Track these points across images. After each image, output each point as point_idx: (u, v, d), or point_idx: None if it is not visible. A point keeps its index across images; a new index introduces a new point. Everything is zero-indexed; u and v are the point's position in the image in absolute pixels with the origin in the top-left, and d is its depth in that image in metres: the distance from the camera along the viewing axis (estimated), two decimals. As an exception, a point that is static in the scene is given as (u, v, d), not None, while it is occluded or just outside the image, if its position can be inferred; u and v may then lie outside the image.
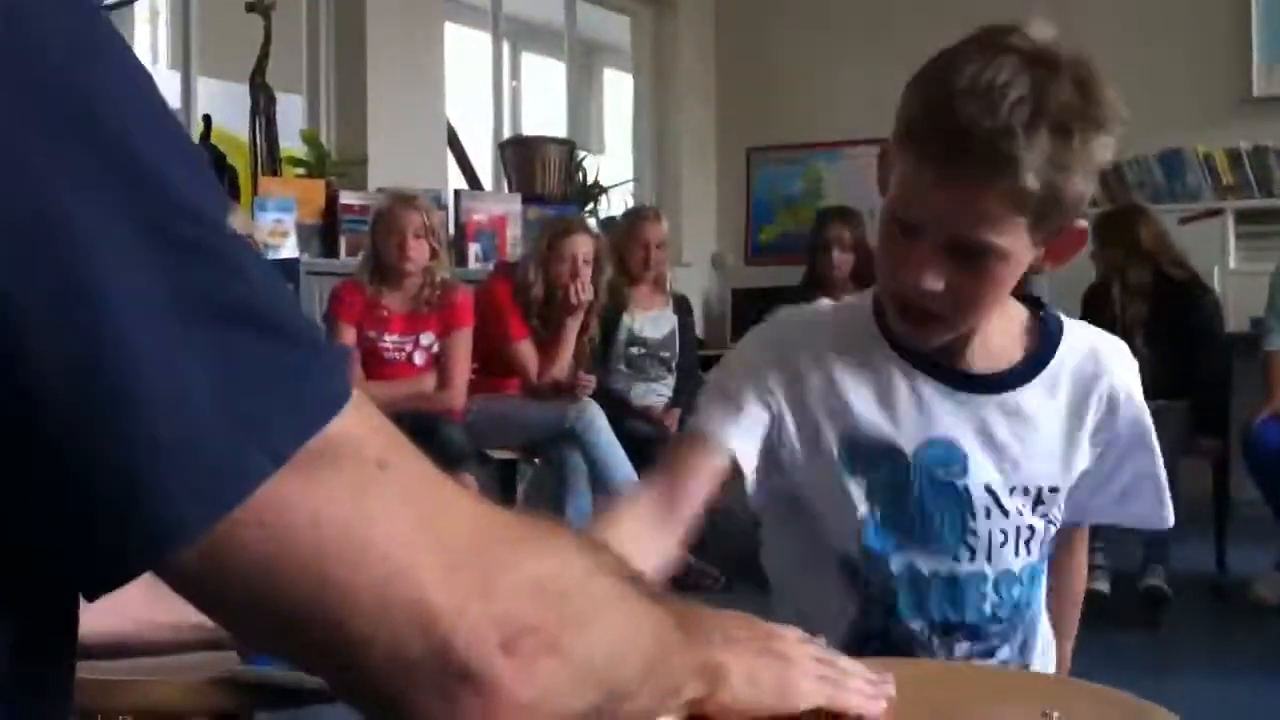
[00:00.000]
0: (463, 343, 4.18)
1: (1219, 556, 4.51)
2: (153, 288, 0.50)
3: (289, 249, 4.89)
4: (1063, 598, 1.47)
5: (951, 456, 1.31)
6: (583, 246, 4.39)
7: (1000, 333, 1.34)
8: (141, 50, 7.68)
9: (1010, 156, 1.15)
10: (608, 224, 5.65)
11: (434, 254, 4.14)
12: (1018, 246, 1.22)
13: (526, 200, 5.83)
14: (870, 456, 1.32)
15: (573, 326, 4.39)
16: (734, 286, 7.25)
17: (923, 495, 1.32)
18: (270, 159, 5.15)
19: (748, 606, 0.98)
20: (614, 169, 7.26)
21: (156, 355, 0.50)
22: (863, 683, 0.95)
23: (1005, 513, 1.32)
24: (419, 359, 4.15)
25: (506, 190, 6.10)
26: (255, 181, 5.09)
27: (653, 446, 4.46)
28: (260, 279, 0.55)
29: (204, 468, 0.51)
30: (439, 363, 4.16)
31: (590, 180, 6.47)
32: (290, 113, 5.47)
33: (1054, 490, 1.34)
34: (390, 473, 0.56)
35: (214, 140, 5.07)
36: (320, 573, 0.54)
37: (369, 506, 0.55)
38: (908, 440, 1.32)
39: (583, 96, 7.64)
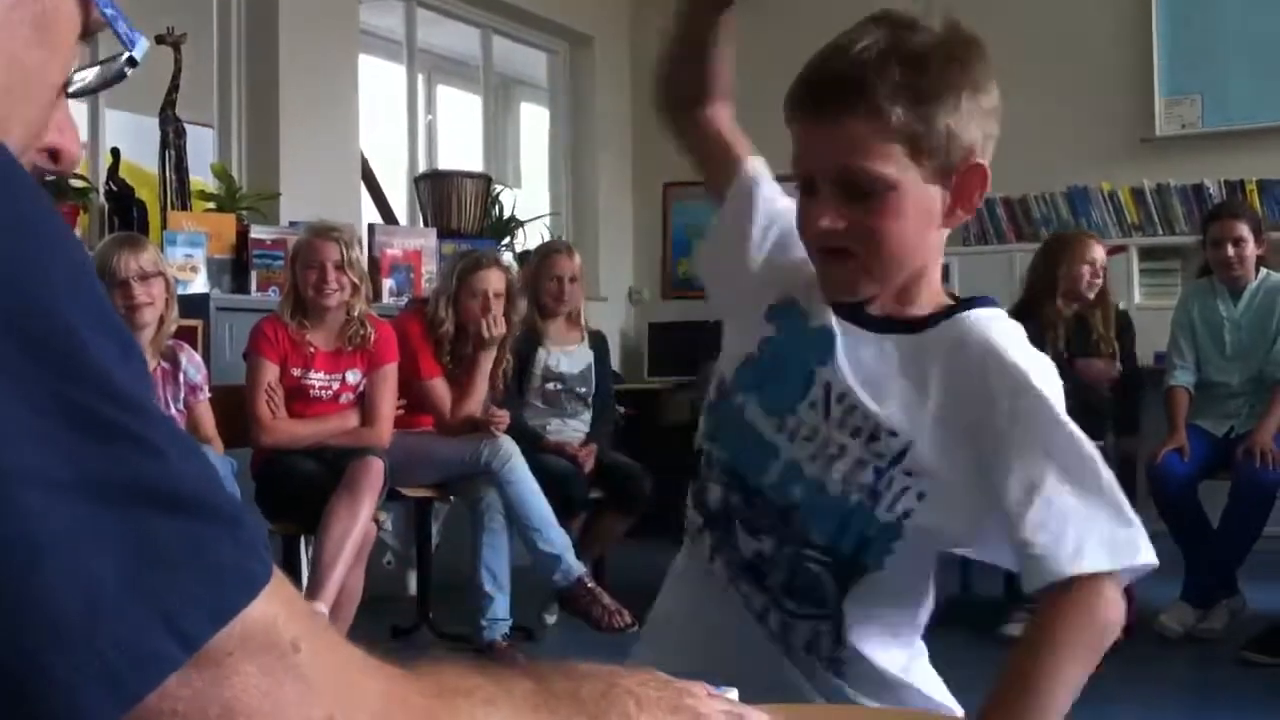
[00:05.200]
0: (388, 379, 4.14)
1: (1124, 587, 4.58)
2: (63, 468, 0.49)
3: (199, 284, 4.82)
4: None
5: (826, 347, 1.37)
6: (494, 281, 4.36)
7: (923, 303, 1.38)
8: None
9: (860, 82, 1.26)
10: (524, 258, 5.64)
11: (354, 289, 4.07)
12: (905, 178, 1.28)
13: (442, 235, 5.80)
14: (788, 319, 1.42)
15: (486, 362, 4.36)
16: (651, 321, 7.28)
17: (787, 362, 1.40)
18: (180, 193, 5.08)
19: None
20: (531, 203, 7.25)
21: (62, 538, 0.49)
22: None
23: (828, 416, 1.35)
24: (345, 396, 4.09)
25: (422, 224, 6.07)
26: (165, 216, 5.01)
27: (569, 482, 4.45)
28: (178, 459, 0.53)
29: (111, 656, 0.49)
30: (365, 399, 4.11)
31: (507, 214, 6.46)
32: (200, 146, 5.41)
33: (896, 436, 1.32)
34: (304, 656, 0.56)
35: (123, 174, 4.99)
36: None
37: (282, 696, 0.55)
38: (813, 320, 1.39)
39: (499, 130, 7.63)
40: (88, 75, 0.70)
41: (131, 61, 0.70)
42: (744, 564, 1.39)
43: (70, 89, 0.68)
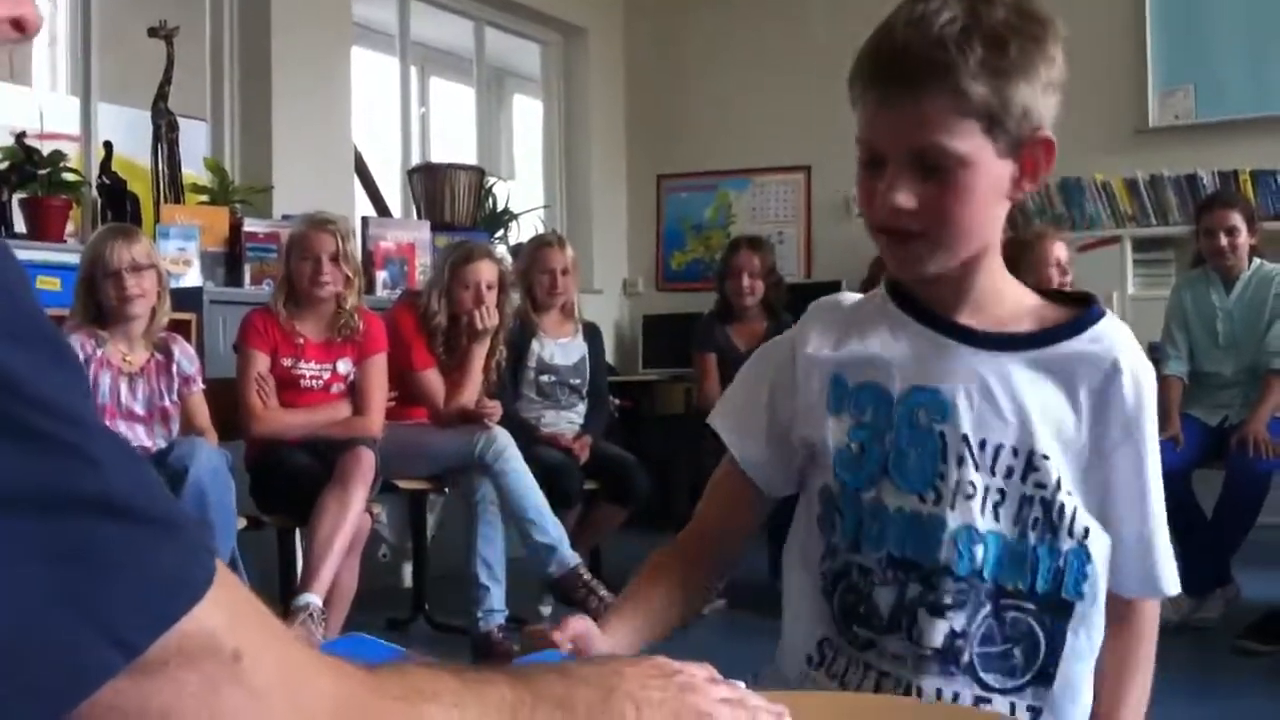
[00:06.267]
0: (378, 369, 4.15)
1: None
2: None
3: (192, 277, 4.81)
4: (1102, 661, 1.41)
5: (935, 403, 1.34)
6: (486, 273, 4.36)
7: (1010, 300, 1.38)
8: (40, 76, 7.54)
9: (944, 63, 1.23)
10: (517, 251, 5.64)
11: (348, 281, 4.08)
12: (980, 155, 1.27)
13: (435, 227, 5.79)
14: (857, 397, 1.38)
15: (479, 353, 4.36)
16: (645, 313, 7.28)
17: (899, 435, 1.35)
18: (173, 186, 5.07)
19: (745, 625, 0.97)
20: (524, 195, 7.25)
21: None
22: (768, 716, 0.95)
23: (977, 466, 1.32)
24: (337, 386, 4.10)
25: (415, 217, 6.07)
26: (157, 209, 5.01)
27: (564, 474, 4.45)
28: (111, 466, 0.52)
29: (47, 664, 0.49)
30: (356, 389, 4.11)
31: (500, 207, 6.45)
32: (193, 139, 5.40)
33: (1049, 459, 1.32)
34: (245, 664, 0.55)
35: (115, 167, 4.99)
36: None
37: (221, 706, 0.54)
38: (896, 384, 1.36)
39: (492, 123, 7.62)
40: None
41: None
42: (934, 654, 1.33)
43: None
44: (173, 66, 5.07)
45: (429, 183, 6.03)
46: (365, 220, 5.70)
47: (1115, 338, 1.35)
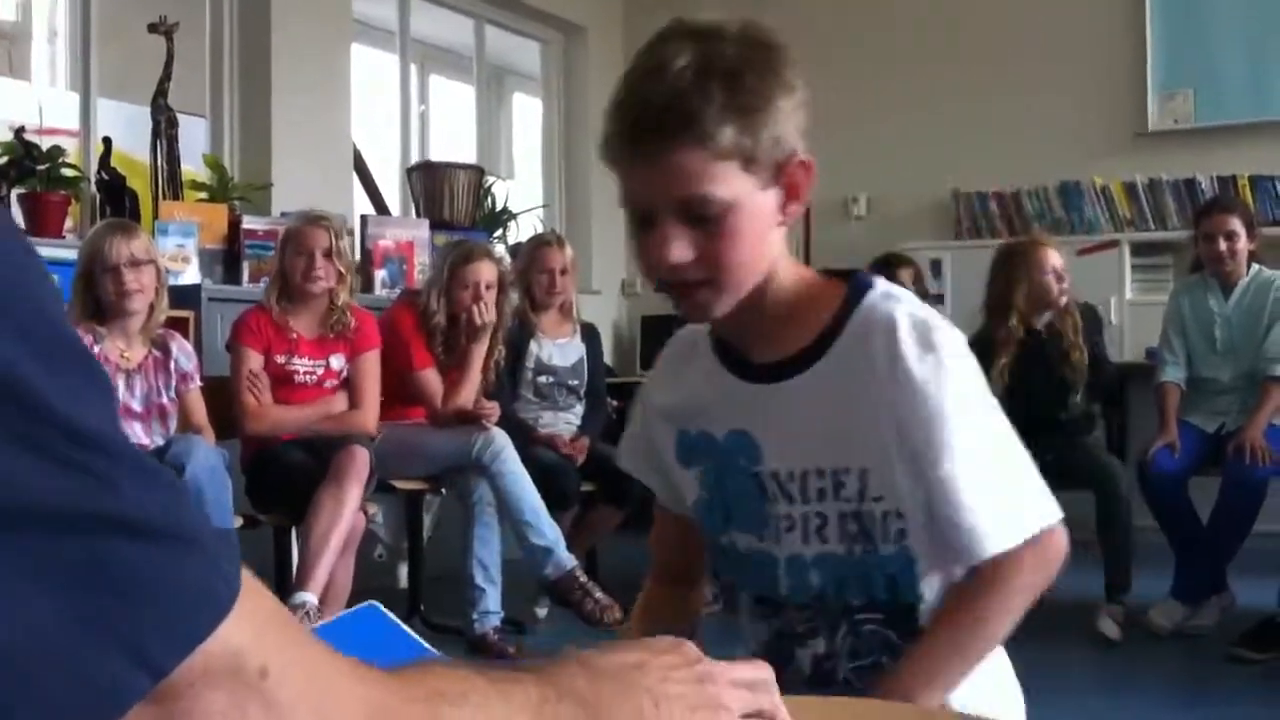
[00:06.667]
0: (372, 364, 4.16)
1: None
2: (12, 501, 0.48)
3: (191, 274, 4.81)
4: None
5: (745, 445, 1.38)
6: (485, 273, 4.36)
7: (798, 317, 1.35)
8: (40, 71, 7.52)
9: (686, 113, 1.22)
10: (516, 250, 5.63)
11: (340, 278, 4.09)
12: (743, 194, 1.26)
13: (434, 226, 5.79)
14: (697, 449, 1.44)
15: (478, 353, 4.35)
16: (644, 314, 7.27)
17: (729, 480, 1.41)
18: (172, 183, 5.07)
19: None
20: (523, 195, 7.24)
21: (10, 575, 0.47)
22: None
23: (790, 499, 1.36)
24: (330, 381, 4.11)
25: (414, 216, 6.06)
26: (156, 205, 5.00)
27: (561, 476, 4.44)
28: (132, 487, 0.51)
29: (72, 688, 0.48)
30: (350, 385, 4.12)
31: (499, 206, 6.45)
32: (193, 135, 5.39)
33: (849, 471, 1.32)
34: (271, 680, 0.55)
35: (114, 163, 4.98)
36: None
37: None
38: (718, 430, 1.41)
39: (492, 121, 7.62)
40: None
41: None
42: (808, 679, 1.39)
43: None
44: (172, 62, 5.07)
45: (428, 181, 6.03)
46: (364, 218, 5.70)
47: (875, 314, 1.32)
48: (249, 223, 5.08)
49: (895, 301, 1.32)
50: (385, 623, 1.14)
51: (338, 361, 4.12)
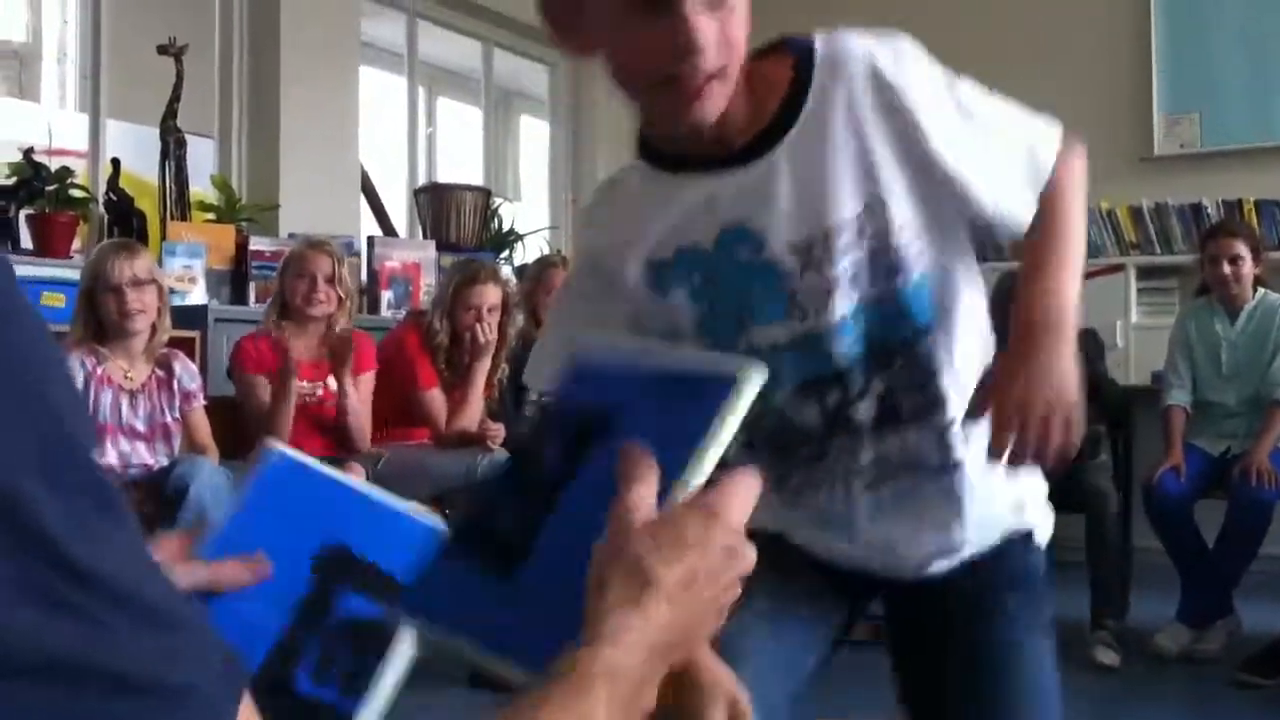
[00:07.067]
0: (365, 387, 4.20)
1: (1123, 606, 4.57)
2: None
3: (198, 295, 4.82)
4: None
5: (743, 237, 1.34)
6: (490, 296, 4.37)
7: (755, 87, 1.31)
8: (49, 92, 7.57)
9: None
10: (522, 271, 5.64)
11: (340, 303, 4.12)
12: None
13: (441, 247, 5.80)
14: (678, 269, 1.38)
15: (481, 373, 4.36)
16: (649, 335, 7.27)
17: (733, 279, 1.36)
18: (180, 203, 5.09)
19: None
20: (530, 216, 7.26)
21: None
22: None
23: (818, 266, 1.34)
24: (329, 403, 4.13)
25: (421, 237, 6.07)
26: (164, 226, 5.02)
27: (565, 496, 4.43)
28: (129, 635, 0.49)
29: None
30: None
31: (506, 227, 6.46)
32: (201, 156, 5.41)
33: (869, 209, 1.32)
34: None
35: (123, 184, 5.00)
36: None
37: None
38: (705, 237, 1.36)
39: (499, 143, 7.64)
40: None
41: None
42: (872, 428, 1.42)
43: None
44: (181, 84, 5.10)
45: (435, 203, 6.04)
46: (371, 239, 5.71)
47: (834, 51, 1.32)
48: (256, 244, 5.09)
49: (843, 34, 1.34)
50: (294, 467, 1.05)
51: (335, 383, 4.13)
